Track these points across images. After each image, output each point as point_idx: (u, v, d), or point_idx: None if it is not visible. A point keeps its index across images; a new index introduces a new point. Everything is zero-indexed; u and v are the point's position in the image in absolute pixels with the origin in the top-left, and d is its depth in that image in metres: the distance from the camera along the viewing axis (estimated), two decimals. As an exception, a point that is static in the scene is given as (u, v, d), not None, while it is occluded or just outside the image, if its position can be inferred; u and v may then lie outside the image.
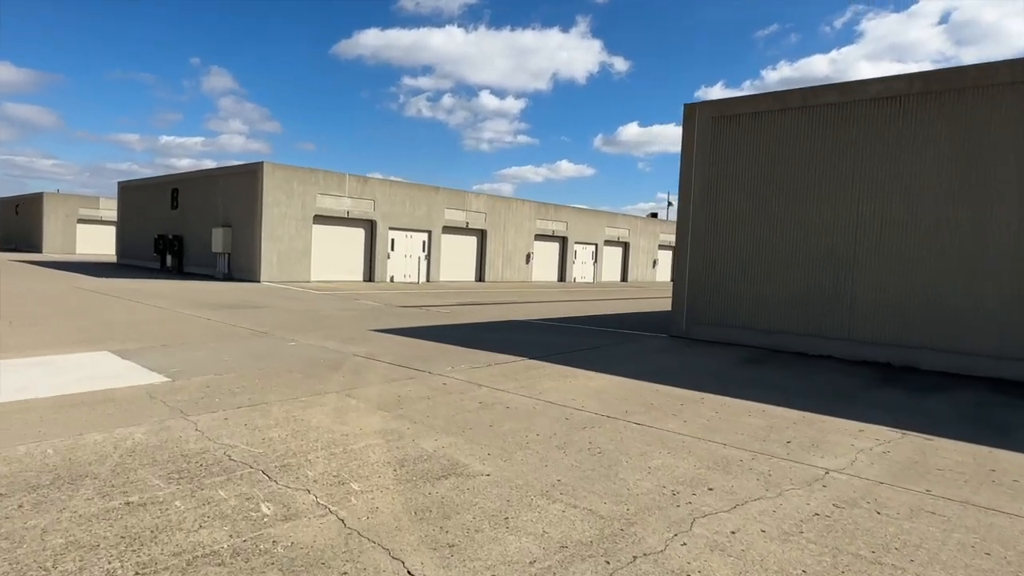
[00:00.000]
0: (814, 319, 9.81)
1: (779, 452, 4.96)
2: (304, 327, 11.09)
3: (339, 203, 24.69)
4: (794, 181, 10.01)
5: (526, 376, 7.50)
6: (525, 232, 32.47)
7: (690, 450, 4.92)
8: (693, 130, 11.13)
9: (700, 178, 11.05)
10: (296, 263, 23.51)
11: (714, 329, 10.90)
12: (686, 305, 11.27)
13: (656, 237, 42.31)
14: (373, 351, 8.82)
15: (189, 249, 27.35)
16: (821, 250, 9.75)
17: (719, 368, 8.60)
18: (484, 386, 6.87)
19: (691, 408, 6.24)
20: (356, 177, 25.25)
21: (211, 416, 5.33)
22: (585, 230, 36.32)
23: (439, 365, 7.97)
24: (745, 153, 10.53)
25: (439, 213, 28.31)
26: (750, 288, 10.50)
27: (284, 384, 6.61)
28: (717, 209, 10.86)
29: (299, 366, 7.58)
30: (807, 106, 9.88)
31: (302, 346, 9.07)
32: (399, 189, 26.71)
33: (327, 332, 10.56)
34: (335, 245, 24.93)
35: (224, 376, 6.86)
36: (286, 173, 23.22)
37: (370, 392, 6.43)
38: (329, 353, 8.55)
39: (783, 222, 10.14)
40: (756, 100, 10.47)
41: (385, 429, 5.18)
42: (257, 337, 9.75)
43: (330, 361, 7.99)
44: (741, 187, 10.59)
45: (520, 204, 32.28)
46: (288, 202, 23.17)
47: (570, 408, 6.07)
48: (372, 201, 25.68)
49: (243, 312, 13.10)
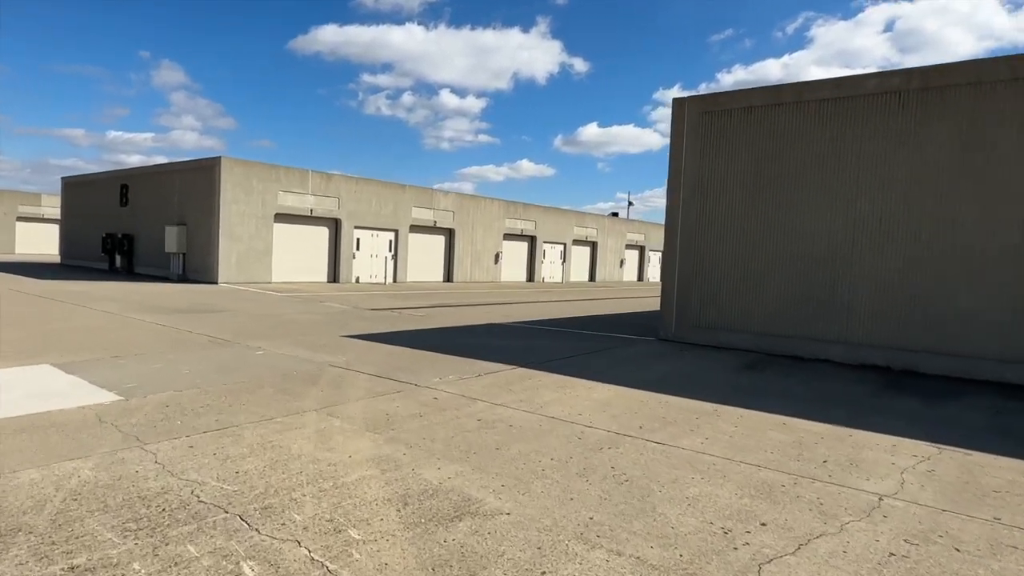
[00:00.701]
0: (810, 322, 9.49)
1: (819, 474, 4.50)
2: (270, 333, 10.28)
3: (302, 201, 23.66)
4: (788, 178, 9.67)
5: (522, 387, 6.91)
6: (494, 231, 31.86)
7: (724, 474, 4.42)
8: (682, 125, 10.71)
9: (690, 175, 10.64)
10: (256, 263, 22.41)
11: (705, 332, 10.51)
12: (676, 307, 10.85)
13: (623, 237, 42.22)
14: (350, 360, 8.11)
15: (140, 248, 25.89)
16: (817, 250, 9.44)
17: (721, 375, 8.17)
18: (480, 400, 6.25)
19: (708, 423, 5.75)
20: (320, 174, 24.24)
21: (173, 444, 4.59)
22: (554, 229, 35.92)
23: (425, 376, 7.32)
24: (737, 149, 10.16)
25: (406, 212, 27.48)
26: (743, 289, 10.13)
27: (255, 402, 5.88)
28: (708, 207, 10.47)
29: (270, 379, 6.83)
30: (801, 101, 9.55)
31: (271, 355, 8.29)
32: (365, 187, 25.79)
33: (296, 339, 9.78)
34: (298, 245, 23.88)
35: (185, 393, 6.08)
36: (245, 169, 22.10)
37: (354, 410, 5.75)
38: (302, 363, 7.81)
39: (777, 221, 9.80)
40: (748, 94, 10.11)
41: (378, 456, 4.52)
42: (219, 345, 8.91)
43: (305, 373, 7.25)
44: (733, 184, 10.21)
45: (489, 203, 31.66)
46: (247, 199, 22.05)
47: (579, 425, 5.51)
48: (336, 199, 24.70)
49: (202, 317, 12.16)
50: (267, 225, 22.64)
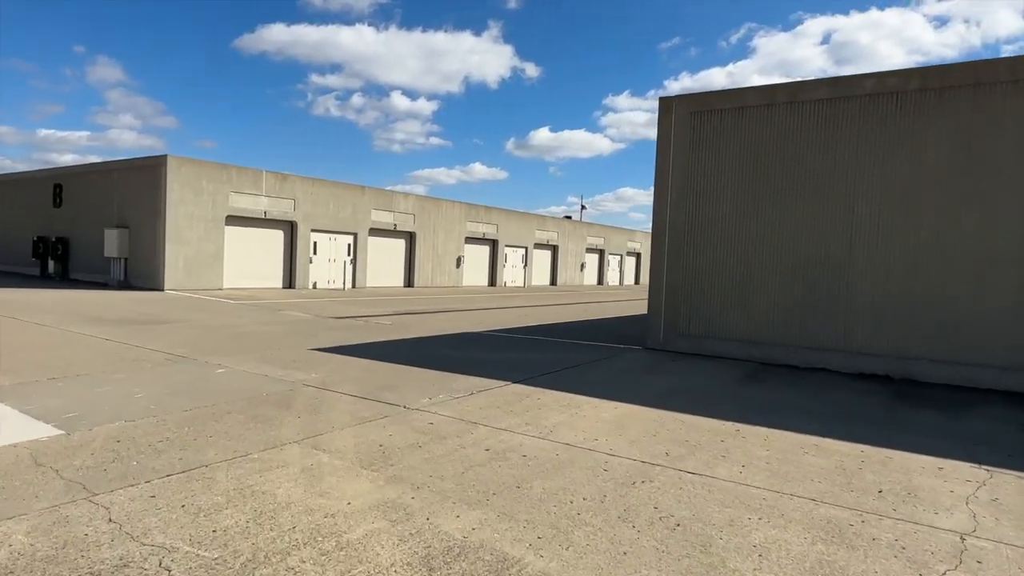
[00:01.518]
0: (806, 329, 9.18)
1: (882, 508, 4.03)
2: (230, 347, 9.35)
3: (255, 202, 22.43)
4: (783, 181, 9.36)
5: (523, 408, 6.29)
6: (455, 235, 31.11)
7: (782, 512, 3.89)
8: (669, 126, 10.30)
9: (678, 177, 10.23)
10: (206, 269, 21.08)
11: (695, 341, 10.10)
12: (664, 315, 10.42)
13: (583, 240, 42.05)
14: (325, 378, 7.33)
15: (76, 253, 24.12)
16: (813, 255, 9.14)
17: (725, 388, 7.73)
18: (481, 424, 5.60)
19: (737, 446, 5.25)
20: (274, 174, 23.05)
21: (130, 494, 3.78)
22: (515, 233, 35.40)
23: (412, 395, 6.61)
24: (728, 151, 9.80)
25: (365, 214, 26.47)
26: (735, 296, 9.77)
27: (224, 432, 5.08)
28: (698, 210, 10.07)
29: (238, 404, 6.01)
30: (795, 101, 9.25)
31: (235, 374, 7.43)
32: (322, 188, 24.69)
33: (261, 353, 8.90)
34: (251, 249, 22.63)
35: (140, 423, 5.23)
36: (194, 168, 20.77)
37: (342, 440, 5.02)
38: (272, 383, 6.99)
39: (771, 225, 9.46)
40: (740, 94, 9.76)
41: (383, 501, 3.83)
42: (174, 363, 7.98)
43: (276, 395, 6.45)
44: (724, 187, 9.85)
45: (450, 205, 30.89)
46: (196, 200, 20.73)
47: (600, 453, 4.93)
48: (292, 200, 23.54)
49: (151, 329, 11.08)
50: (218, 228, 21.34)
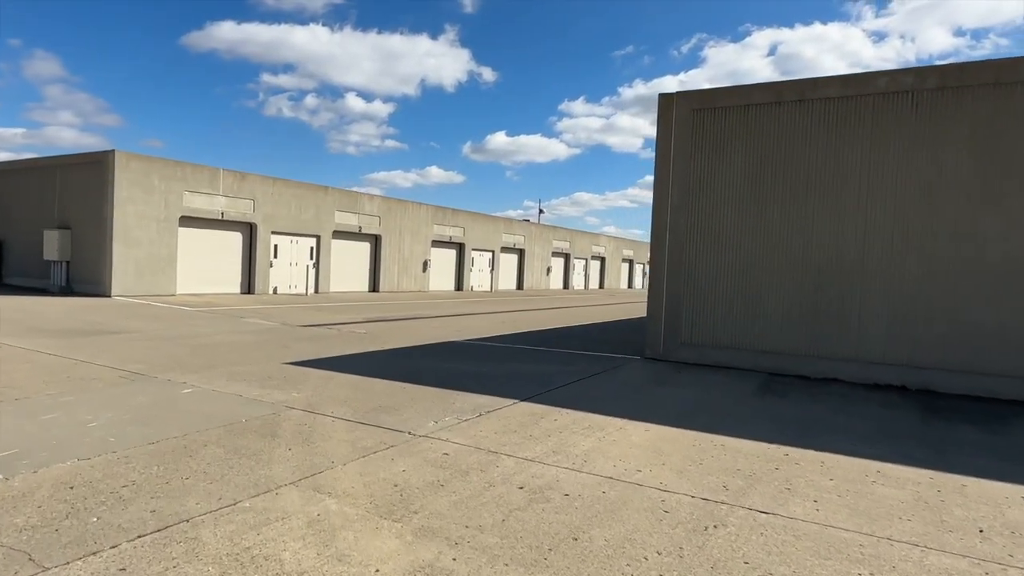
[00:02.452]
0: (816, 338, 8.76)
1: (997, 554, 3.49)
2: (194, 361, 8.37)
3: (212, 202, 21.10)
4: (792, 182, 8.93)
5: (542, 432, 5.59)
6: (422, 238, 30.19)
7: (892, 565, 3.31)
8: (670, 124, 9.78)
9: (680, 178, 9.72)
10: (158, 273, 19.69)
11: (699, 350, 9.59)
12: (664, 323, 9.88)
13: (550, 244, 41.61)
14: (310, 398, 6.48)
15: (11, 255, 22.30)
16: (824, 260, 8.73)
17: (746, 403, 7.20)
18: (504, 454, 4.88)
19: (796, 475, 4.68)
20: (232, 173, 21.77)
21: (91, 567, 2.94)
22: (482, 236, 34.67)
23: (415, 418, 5.84)
24: (733, 151, 9.34)
25: (329, 216, 25.34)
26: (740, 304, 9.29)
27: (203, 472, 4.23)
28: (701, 213, 9.57)
29: (214, 433, 5.14)
30: (805, 99, 8.85)
31: (204, 395, 6.51)
32: (283, 188, 23.48)
33: (229, 369, 7.96)
34: (207, 252, 21.28)
35: (97, 462, 4.33)
36: (144, 165, 19.37)
37: (349, 480, 4.23)
38: (249, 405, 6.11)
39: (779, 228, 9.03)
40: (746, 91, 9.31)
41: (418, 566, 3.08)
42: (131, 381, 6.99)
43: (258, 421, 5.58)
44: (729, 189, 9.37)
45: (416, 207, 29.96)
46: (147, 199, 19.33)
47: (651, 489, 4.27)
48: (251, 201, 22.28)
49: (101, 340, 9.96)
50: (171, 229, 19.97)
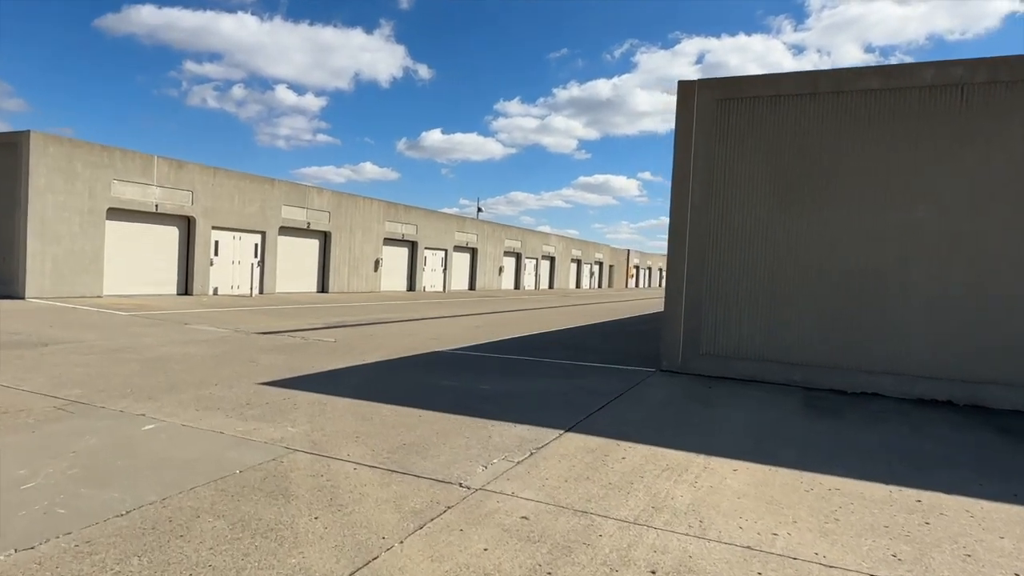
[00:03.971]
0: (854, 349, 8.11)
1: None
2: (149, 383, 6.88)
3: (145, 193, 18.98)
4: (827, 179, 8.25)
5: (620, 477, 4.56)
6: (374, 235, 28.59)
7: None
8: (691, 115, 8.94)
9: (701, 174, 8.89)
10: (82, 272, 17.48)
11: (722, 362, 8.79)
12: (683, 332, 9.03)
13: (502, 243, 40.63)
14: (311, 434, 5.22)
15: (-99, 251, 19.41)
16: (862, 264, 8.08)
17: (810, 428, 6.39)
18: (598, 515, 3.82)
19: (962, 534, 3.82)
20: (168, 161, 19.67)
21: None
22: (435, 235, 33.31)
23: (455, 460, 4.70)
24: (761, 145, 8.58)
25: (275, 210, 23.46)
26: (770, 311, 8.55)
27: (208, 566, 2.97)
28: (725, 212, 8.78)
29: (206, 495, 3.84)
30: (842, 91, 8.17)
31: (174, 432, 5.12)
32: (225, 179, 21.49)
33: (195, 392, 6.54)
34: (139, 248, 19.15)
35: (43, 554, 2.99)
36: (66, 150, 17.14)
37: (419, 570, 3.06)
38: (238, 448, 4.79)
39: (813, 229, 8.33)
40: (776, 81, 8.57)
41: None
42: (74, 415, 5.51)
43: (258, 472, 4.30)
44: (757, 186, 8.61)
45: (368, 203, 28.32)
46: (69, 189, 17.12)
47: (809, 563, 3.31)
48: (190, 193, 20.23)
49: (22, 356, 8.23)
50: (97, 223, 17.79)
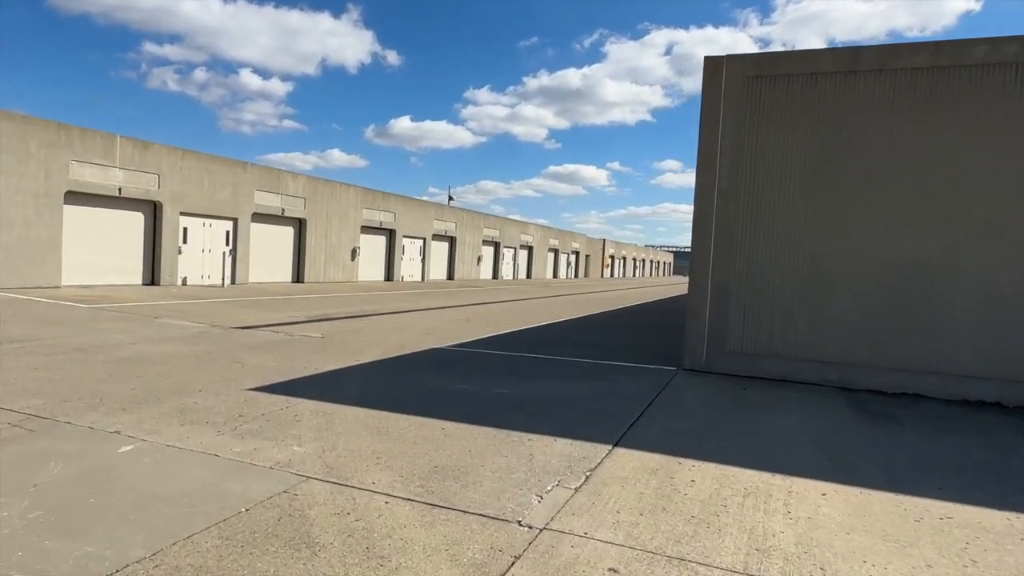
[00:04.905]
0: (893, 347, 7.57)
1: None
2: (122, 390, 5.96)
3: (107, 176, 17.65)
4: (867, 165, 7.66)
5: (701, 507, 3.87)
6: (351, 223, 27.48)
7: None
8: (719, 92, 8.27)
9: (730, 156, 8.24)
10: (37, 261, 16.17)
11: (750, 361, 8.19)
12: (708, 328, 8.40)
13: (480, 232, 39.75)
14: (323, 454, 4.41)
15: None
16: (904, 256, 7.54)
17: (881, 438, 5.79)
18: (698, 564, 3.12)
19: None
20: (133, 141, 18.34)
21: None
22: (413, 223, 32.29)
23: (501, 487, 3.95)
24: (796, 126, 7.95)
25: (248, 196, 22.23)
26: (803, 306, 7.97)
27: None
28: (755, 199, 8.14)
29: (209, 547, 3.02)
30: (887, 69, 7.58)
31: (158, 456, 4.27)
32: (194, 162, 20.20)
33: (178, 401, 5.66)
34: (100, 235, 17.84)
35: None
36: (18, 127, 15.76)
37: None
38: (239, 476, 3.97)
39: (850, 218, 7.75)
40: (813, 57, 7.94)
41: None
42: (33, 434, 4.60)
43: (269, 511, 3.49)
44: (791, 170, 7.99)
45: (345, 189, 27.18)
46: (21, 169, 15.75)
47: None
48: (156, 176, 18.93)
49: (-33, 357, 7.20)
50: (53, 207, 16.46)
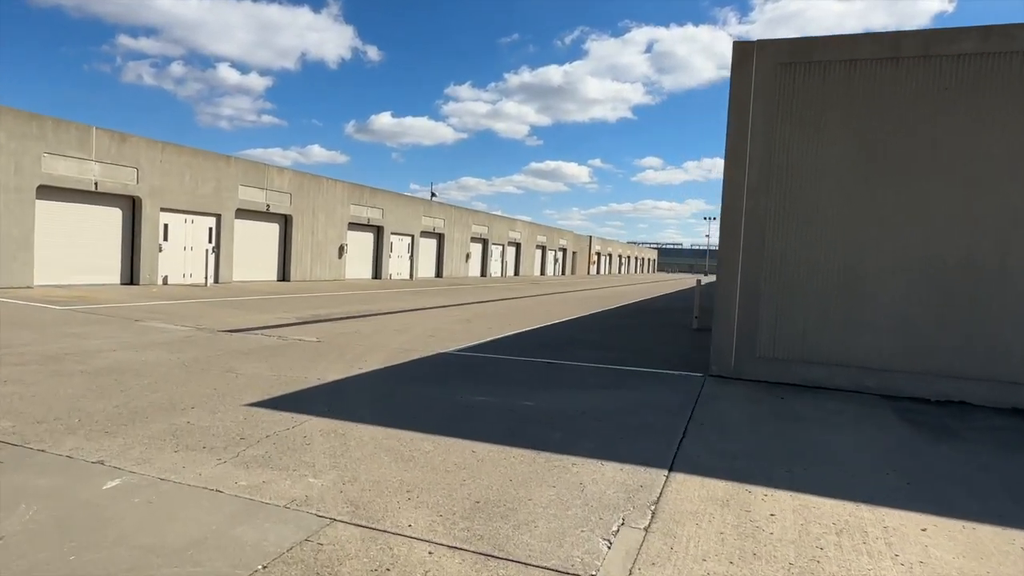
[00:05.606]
0: (937, 352, 7.12)
1: None
2: (103, 408, 5.28)
3: (82, 169, 16.73)
4: (911, 159, 7.19)
5: (794, 547, 3.32)
6: (338, 219, 26.67)
7: None
8: (749, 80, 7.74)
9: (761, 148, 7.72)
10: (8, 259, 15.24)
11: (782, 366, 7.70)
12: (737, 332, 7.89)
13: (469, 229, 39.07)
14: (345, 487, 3.79)
15: None
16: (950, 255, 7.08)
17: (947, 456, 5.30)
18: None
19: None
20: (110, 133, 17.43)
21: None
22: (402, 219, 31.53)
23: (563, 531, 3.37)
24: (833, 117, 7.46)
25: (231, 191, 21.36)
26: (840, 308, 7.48)
27: None
28: (788, 195, 7.64)
29: (224, 630, 2.40)
30: (930, 55, 7.10)
31: (150, 495, 3.62)
32: (175, 156, 19.31)
33: (167, 423, 4.99)
34: (76, 232, 16.93)
35: None
36: (-14, 117, 14.81)
37: None
38: (250, 519, 3.34)
39: (891, 215, 7.27)
40: (852, 43, 7.44)
41: None
42: (0, 467, 3.92)
43: (292, 567, 2.87)
44: (827, 163, 7.50)
45: (332, 184, 26.35)
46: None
47: None
48: (135, 170, 18.03)
49: (-74, 369, 6.44)
50: (25, 202, 15.53)
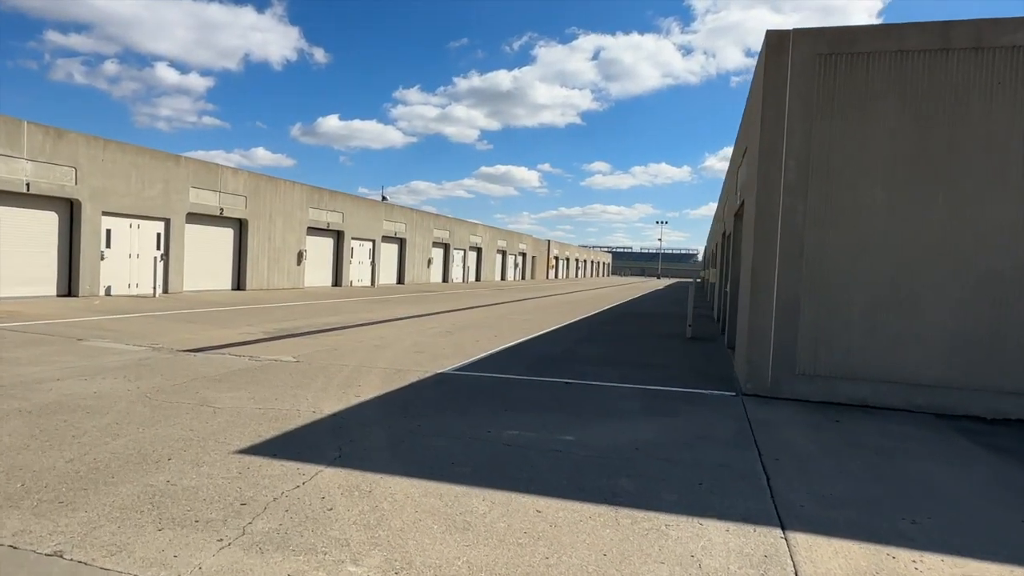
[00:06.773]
0: (995, 368, 6.61)
1: None
2: (53, 468, 4.16)
3: (11, 169, 15.00)
4: (962, 159, 6.67)
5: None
6: (296, 224, 25.20)
7: None
8: (784, 73, 7.10)
9: (797, 148, 7.08)
10: (-76, 269, 13.44)
11: (826, 384, 7.06)
12: (773, 346, 7.22)
13: (430, 233, 37.92)
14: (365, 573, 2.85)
15: None
16: (1007, 265, 6.58)
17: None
18: None
19: None
20: (44, 128, 15.71)
21: None
22: (362, 224, 30.19)
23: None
24: (878, 112, 6.88)
25: (182, 193, 19.74)
26: (888, 321, 6.90)
27: None
28: (827, 199, 7.02)
29: None
30: (983, 47, 6.60)
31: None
32: (119, 154, 17.65)
33: (143, 484, 3.92)
34: (4, 238, 15.16)
35: None
36: None
37: None
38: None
39: (943, 221, 6.73)
40: (899, 32, 6.87)
41: None
42: (-93, 572, 2.81)
43: None
44: (871, 165, 6.91)
45: (290, 187, 24.87)
46: (-97, 160, 13.03)
47: None
48: (73, 169, 16.34)
49: None
50: (-56, 205, 13.76)
